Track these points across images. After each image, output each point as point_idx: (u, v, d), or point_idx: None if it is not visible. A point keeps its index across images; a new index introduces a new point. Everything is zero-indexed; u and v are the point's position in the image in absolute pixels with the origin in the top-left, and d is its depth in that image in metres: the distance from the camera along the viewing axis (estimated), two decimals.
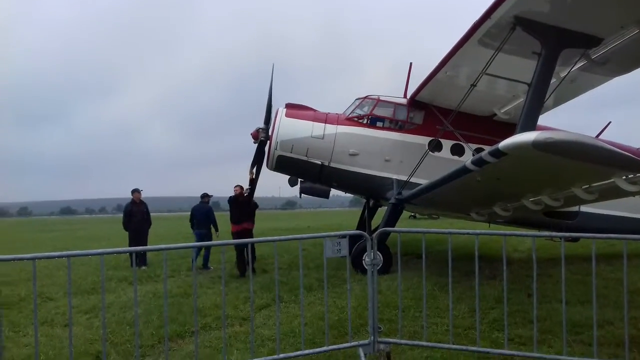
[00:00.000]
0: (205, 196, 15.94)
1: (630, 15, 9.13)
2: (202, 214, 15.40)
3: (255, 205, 14.81)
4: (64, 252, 5.69)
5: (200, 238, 14.95)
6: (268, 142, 14.31)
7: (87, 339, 7.64)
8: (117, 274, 13.53)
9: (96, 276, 13.10)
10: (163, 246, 6.55)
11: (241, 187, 14.20)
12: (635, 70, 11.40)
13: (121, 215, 16.66)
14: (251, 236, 13.52)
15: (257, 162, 14.67)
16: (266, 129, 14.41)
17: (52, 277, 13.44)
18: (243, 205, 14.08)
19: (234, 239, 13.18)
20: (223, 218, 16.06)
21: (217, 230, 15.41)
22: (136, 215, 15.64)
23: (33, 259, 5.34)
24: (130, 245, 14.73)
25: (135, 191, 15.98)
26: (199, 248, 14.41)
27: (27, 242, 29.60)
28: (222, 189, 14.35)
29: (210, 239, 14.78)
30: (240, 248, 12.97)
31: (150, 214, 16.41)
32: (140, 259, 14.74)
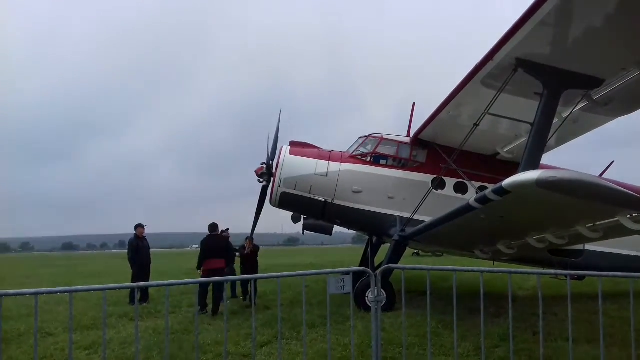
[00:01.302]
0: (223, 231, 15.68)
1: (631, 56, 9.27)
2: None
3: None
4: (66, 288, 5.68)
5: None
6: (272, 179, 14.42)
7: None
8: (117, 310, 13.43)
9: (96, 312, 13.00)
10: (166, 282, 6.53)
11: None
12: (637, 111, 11.51)
13: (123, 251, 16.62)
14: (221, 274, 13.02)
15: (261, 201, 14.82)
16: (270, 166, 14.56)
17: (52, 312, 13.32)
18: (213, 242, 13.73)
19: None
20: None
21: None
22: (142, 251, 15.61)
23: (35, 294, 5.33)
24: (134, 281, 14.62)
25: (139, 226, 15.97)
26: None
27: (28, 278, 29.44)
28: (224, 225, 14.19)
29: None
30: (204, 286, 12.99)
31: (150, 249, 16.37)
32: (142, 295, 14.64)
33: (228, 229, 15.97)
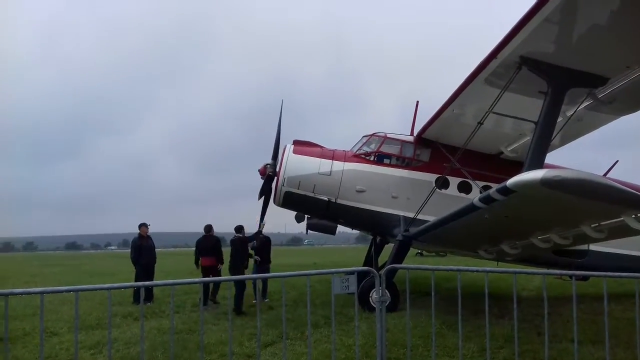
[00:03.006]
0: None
1: (635, 55, 9.24)
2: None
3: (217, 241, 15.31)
4: (72, 287, 5.70)
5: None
6: (275, 178, 14.43)
7: None
8: (121, 310, 13.45)
9: (100, 311, 13.03)
10: (170, 281, 6.53)
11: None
12: None
13: (127, 250, 16.63)
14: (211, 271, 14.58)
15: (264, 195, 14.81)
16: (274, 165, 14.56)
17: (56, 312, 13.34)
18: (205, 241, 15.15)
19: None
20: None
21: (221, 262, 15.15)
22: (145, 250, 15.62)
23: (41, 293, 5.35)
24: (138, 280, 14.62)
25: (143, 225, 15.95)
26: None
27: (33, 277, 29.49)
28: (228, 224, 14.31)
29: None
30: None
31: (155, 249, 16.37)
32: (147, 294, 14.65)
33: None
